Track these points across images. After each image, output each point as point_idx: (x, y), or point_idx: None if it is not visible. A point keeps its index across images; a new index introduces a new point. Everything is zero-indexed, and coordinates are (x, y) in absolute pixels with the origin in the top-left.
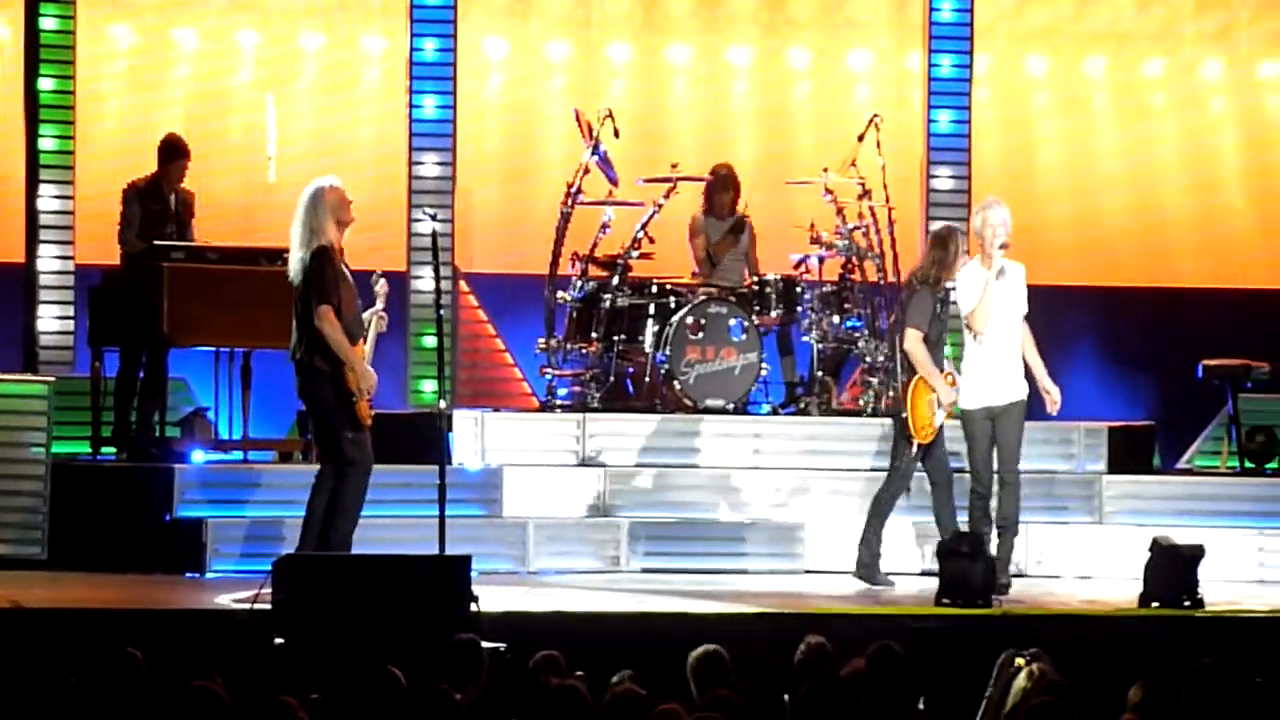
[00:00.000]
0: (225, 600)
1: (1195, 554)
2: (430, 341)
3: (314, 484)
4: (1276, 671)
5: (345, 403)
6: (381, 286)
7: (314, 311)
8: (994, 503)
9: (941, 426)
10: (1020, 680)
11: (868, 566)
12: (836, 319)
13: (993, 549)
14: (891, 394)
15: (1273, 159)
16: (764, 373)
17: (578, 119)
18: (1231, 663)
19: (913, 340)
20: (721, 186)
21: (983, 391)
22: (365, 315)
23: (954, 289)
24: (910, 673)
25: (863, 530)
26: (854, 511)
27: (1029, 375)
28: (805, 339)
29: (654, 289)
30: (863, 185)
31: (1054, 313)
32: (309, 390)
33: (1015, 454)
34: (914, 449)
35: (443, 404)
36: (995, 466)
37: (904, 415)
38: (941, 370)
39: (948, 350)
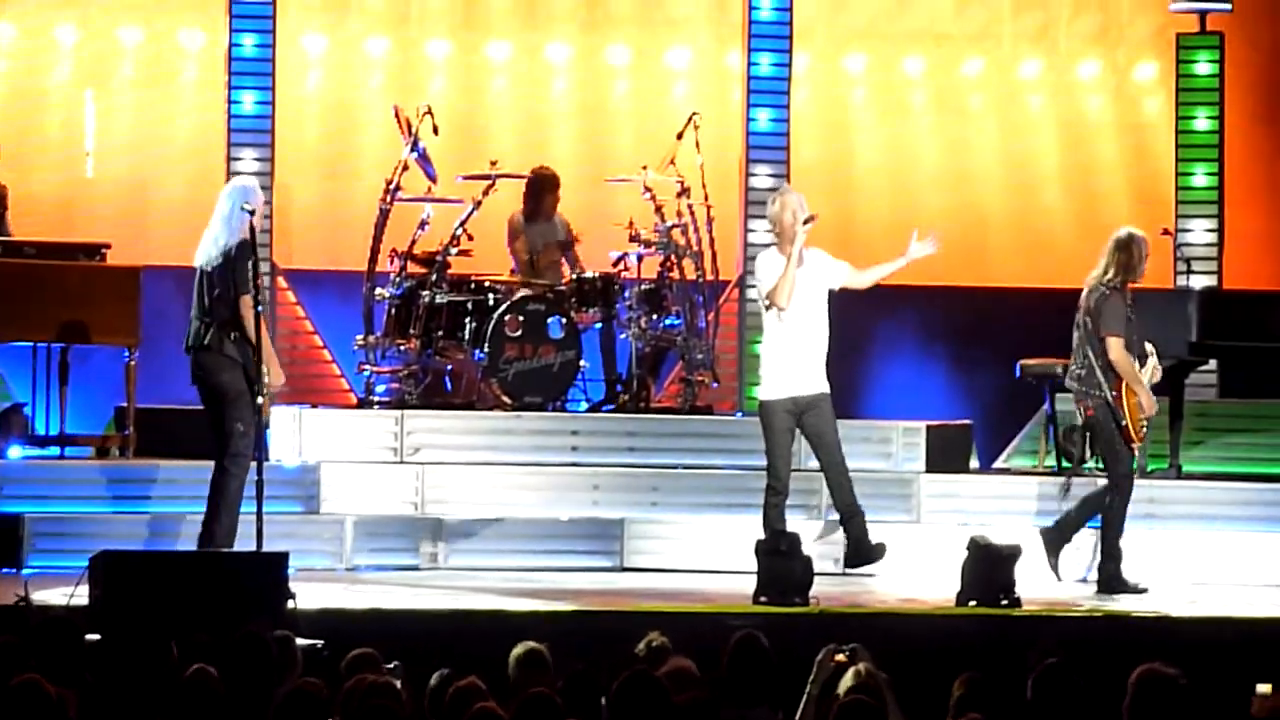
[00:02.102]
0: (42, 596)
1: (1012, 553)
2: None
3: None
4: (1095, 669)
5: (250, 394)
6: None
7: (237, 301)
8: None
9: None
10: (846, 678)
11: (1114, 578)
12: (655, 317)
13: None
14: (1090, 404)
15: (1090, 159)
16: (582, 370)
17: (397, 116)
18: (1073, 661)
19: (1117, 349)
20: (541, 189)
21: (785, 381)
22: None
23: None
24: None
25: (1101, 546)
26: (673, 509)
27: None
28: (624, 336)
29: (473, 286)
30: (681, 183)
31: (872, 312)
32: (213, 378)
33: (836, 445)
34: (1135, 452)
35: (261, 400)
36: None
37: (1123, 423)
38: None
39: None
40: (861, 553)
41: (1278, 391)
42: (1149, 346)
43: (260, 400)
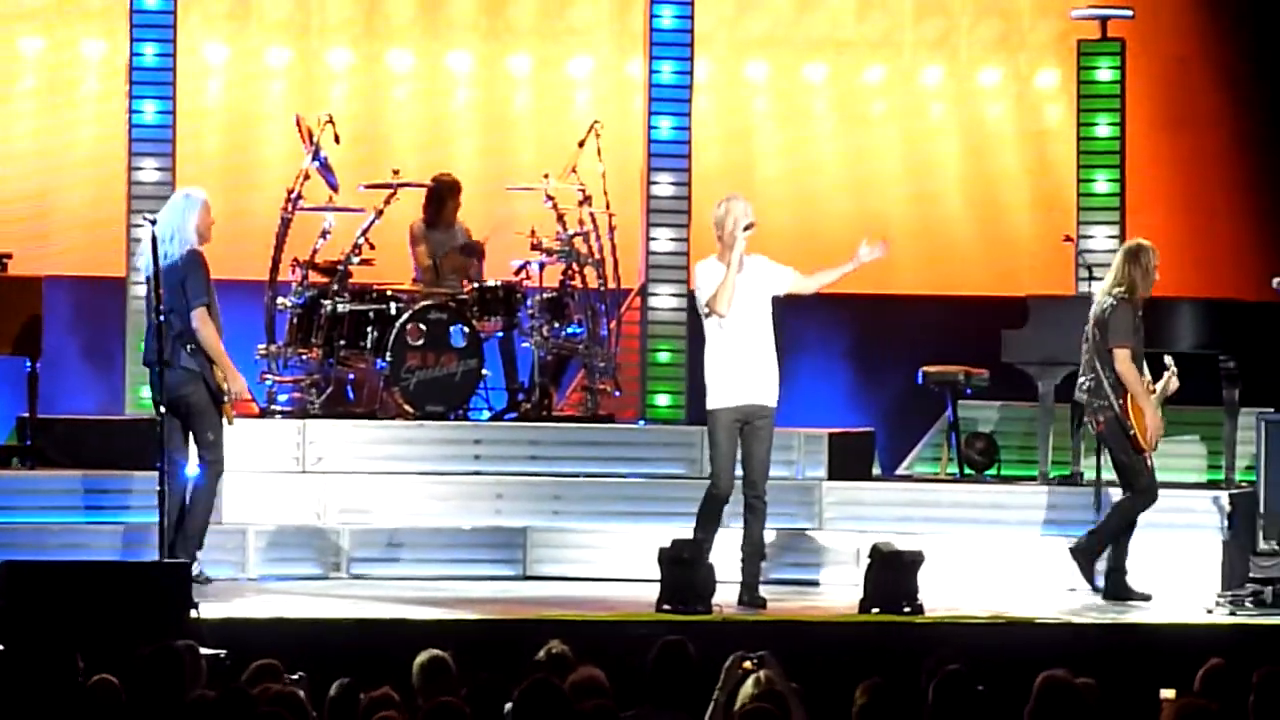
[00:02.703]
0: None
1: (915, 560)
2: None
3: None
4: (995, 675)
5: (214, 404)
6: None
7: (190, 313)
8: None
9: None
10: (747, 686)
11: (1118, 585)
12: (558, 325)
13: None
14: (1101, 418)
15: (992, 166)
16: (485, 379)
17: (298, 125)
18: (972, 668)
19: (1124, 361)
20: (442, 195)
21: (731, 390)
22: None
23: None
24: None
25: (1112, 551)
26: (576, 517)
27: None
28: (526, 345)
29: (374, 295)
30: (583, 192)
31: (775, 319)
32: (173, 393)
33: (764, 475)
34: (1149, 460)
35: (163, 409)
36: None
37: (1132, 432)
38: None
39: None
40: (749, 600)
41: (1178, 397)
42: (1167, 359)
43: (224, 406)
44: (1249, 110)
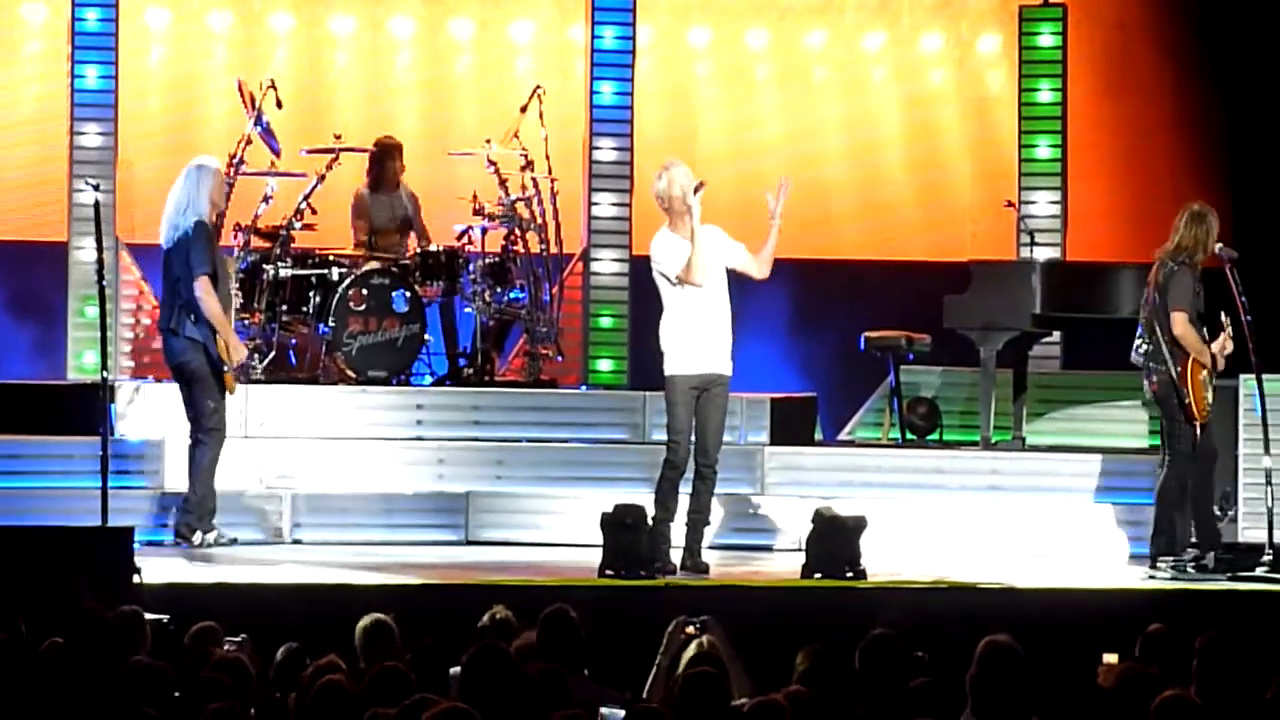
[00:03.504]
0: None
1: (858, 525)
2: (92, 312)
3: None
4: (937, 640)
5: (216, 372)
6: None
7: (193, 281)
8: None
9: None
10: (689, 650)
11: (1164, 554)
12: (500, 290)
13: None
14: (1155, 379)
15: (934, 131)
16: (427, 344)
17: (240, 89)
18: (904, 633)
19: (1182, 324)
20: (382, 157)
21: (690, 358)
22: None
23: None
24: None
25: (1155, 524)
26: (518, 482)
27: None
28: (468, 310)
29: (317, 260)
30: (525, 157)
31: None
32: (178, 359)
33: (716, 444)
34: (1197, 430)
35: (105, 375)
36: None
37: (1186, 401)
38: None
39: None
40: (691, 565)
41: (1120, 363)
42: (1224, 318)
43: (225, 375)
44: (1190, 76)
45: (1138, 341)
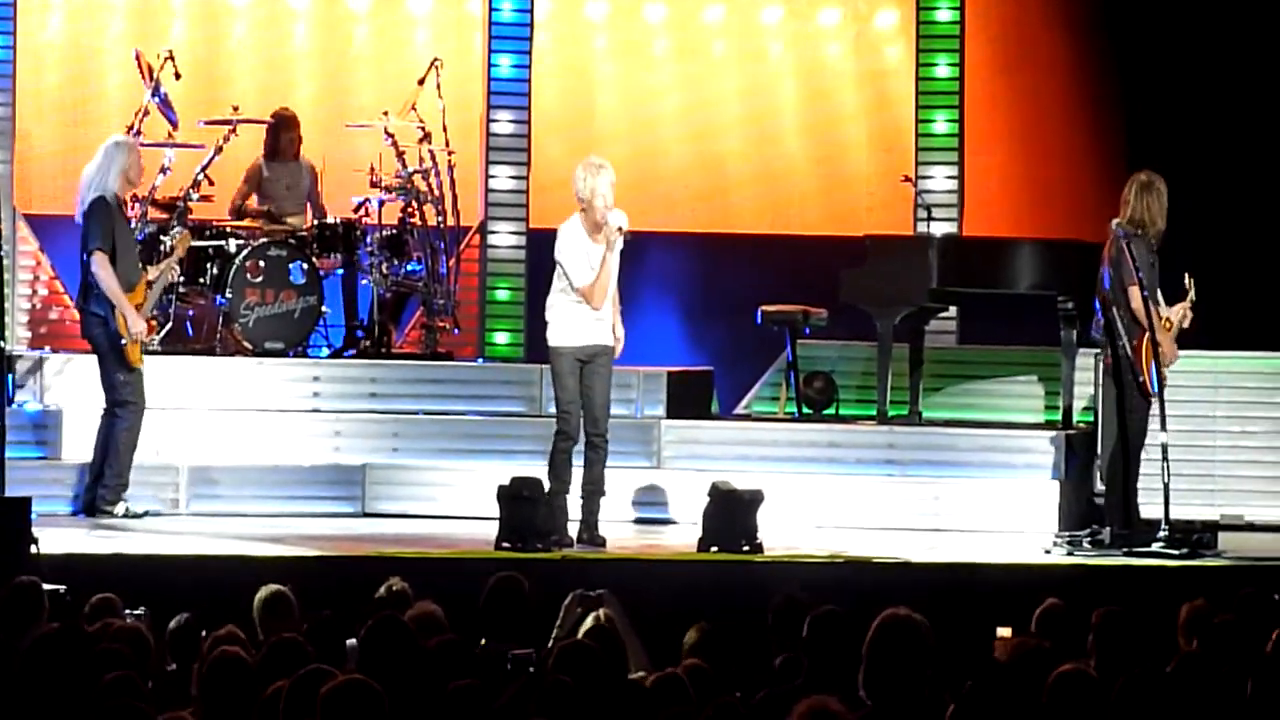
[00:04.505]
0: None
1: (754, 499)
2: None
3: (99, 425)
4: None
5: (116, 346)
6: (183, 236)
7: (90, 259)
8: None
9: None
10: (586, 623)
11: (1126, 535)
12: (397, 263)
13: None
14: (1109, 354)
15: (831, 106)
16: (324, 316)
17: (138, 60)
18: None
19: (1138, 299)
20: (276, 128)
21: (573, 329)
22: (161, 265)
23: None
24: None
25: (1106, 499)
26: (415, 455)
27: None
28: (365, 282)
29: (214, 231)
30: (423, 129)
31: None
32: (86, 334)
33: (604, 413)
34: (1151, 405)
35: (2, 345)
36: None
37: (1140, 378)
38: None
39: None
40: (588, 538)
41: (1016, 338)
42: (1188, 281)
43: (123, 348)
44: (1087, 52)
45: (1095, 317)
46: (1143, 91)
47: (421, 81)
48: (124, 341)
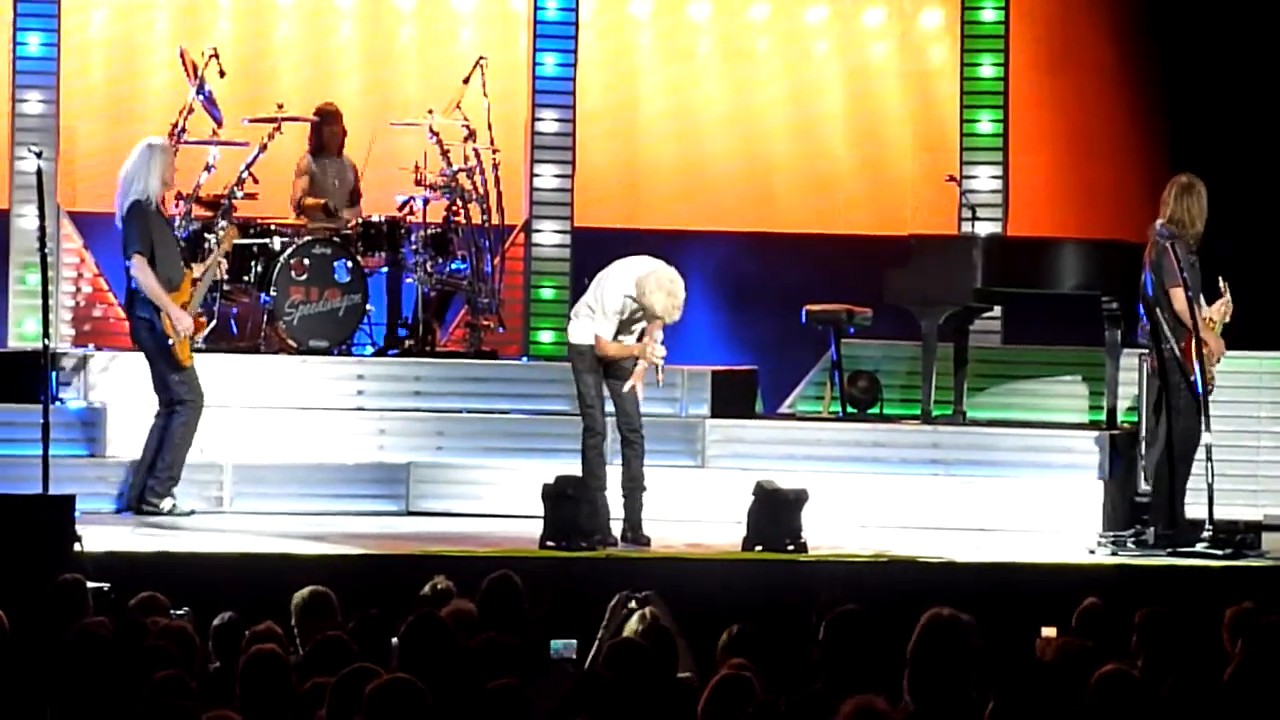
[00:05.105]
0: None
1: (798, 498)
2: (33, 280)
3: (153, 423)
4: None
5: (164, 348)
6: (229, 232)
7: (129, 263)
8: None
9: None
10: (632, 623)
11: (1163, 537)
12: (441, 261)
13: (609, 494)
14: (1155, 356)
15: (876, 106)
16: (368, 314)
17: (182, 58)
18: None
19: (1182, 300)
20: (320, 123)
21: (591, 326)
22: (206, 262)
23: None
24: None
25: (1151, 500)
26: (459, 453)
27: None
28: (410, 281)
29: (258, 229)
30: (468, 127)
31: (657, 255)
32: (135, 339)
33: (636, 409)
34: (1200, 404)
35: (46, 342)
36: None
37: (1191, 378)
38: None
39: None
40: (632, 537)
41: (1060, 338)
42: (1221, 283)
43: (170, 348)
44: (1132, 51)
45: (1142, 321)
46: (1186, 92)
47: (466, 80)
48: (171, 342)
